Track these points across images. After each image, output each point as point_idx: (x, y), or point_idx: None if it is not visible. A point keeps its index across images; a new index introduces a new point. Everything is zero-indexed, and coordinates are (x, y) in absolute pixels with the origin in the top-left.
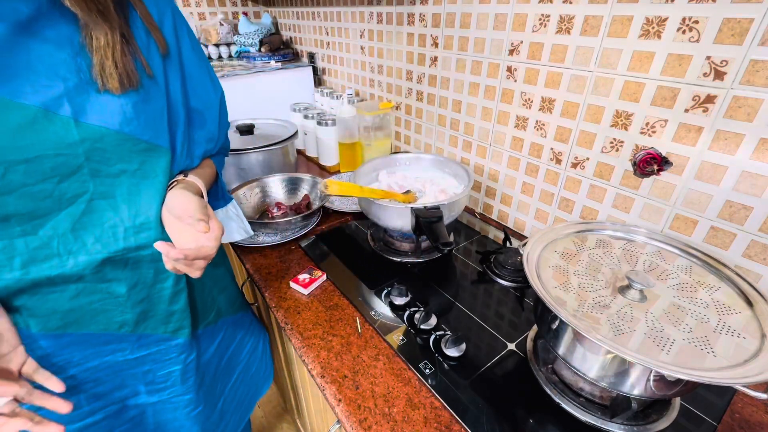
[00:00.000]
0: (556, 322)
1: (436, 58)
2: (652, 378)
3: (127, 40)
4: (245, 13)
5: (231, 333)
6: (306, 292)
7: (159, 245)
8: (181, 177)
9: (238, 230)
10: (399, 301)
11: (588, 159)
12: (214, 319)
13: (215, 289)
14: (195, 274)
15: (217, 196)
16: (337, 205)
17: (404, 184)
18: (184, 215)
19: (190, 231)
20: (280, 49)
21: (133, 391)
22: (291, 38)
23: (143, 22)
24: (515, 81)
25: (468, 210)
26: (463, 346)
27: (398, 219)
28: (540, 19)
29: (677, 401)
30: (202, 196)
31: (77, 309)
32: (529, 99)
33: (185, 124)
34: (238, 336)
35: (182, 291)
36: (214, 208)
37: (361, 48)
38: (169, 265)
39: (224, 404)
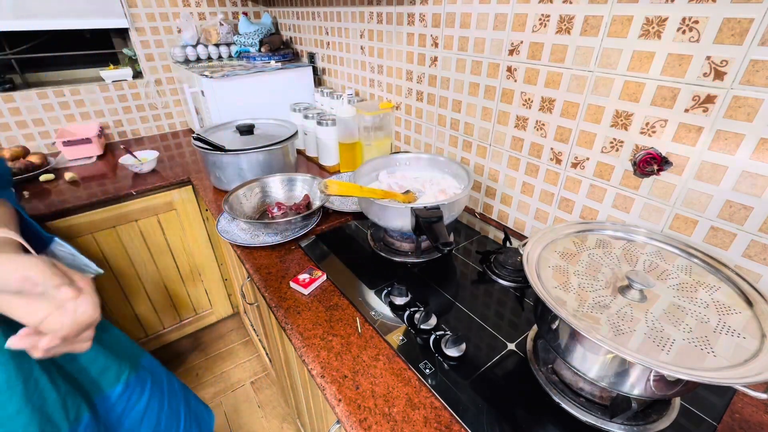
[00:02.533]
0: (556, 322)
1: (436, 58)
2: (652, 378)
3: None
4: (245, 13)
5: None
6: (306, 292)
7: (14, 343)
8: None
9: (86, 267)
10: (399, 301)
11: (588, 159)
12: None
13: (78, 378)
14: (83, 347)
15: (37, 239)
16: (337, 205)
17: (404, 184)
18: (26, 286)
19: (46, 304)
20: (280, 49)
21: None
22: (291, 38)
23: None
24: (515, 81)
25: (468, 210)
26: (463, 346)
27: (398, 219)
28: (540, 19)
29: (677, 401)
30: (28, 250)
31: None
32: (529, 99)
33: None
34: (138, 405)
35: None
36: (38, 252)
37: (361, 48)
38: (38, 355)
39: None
